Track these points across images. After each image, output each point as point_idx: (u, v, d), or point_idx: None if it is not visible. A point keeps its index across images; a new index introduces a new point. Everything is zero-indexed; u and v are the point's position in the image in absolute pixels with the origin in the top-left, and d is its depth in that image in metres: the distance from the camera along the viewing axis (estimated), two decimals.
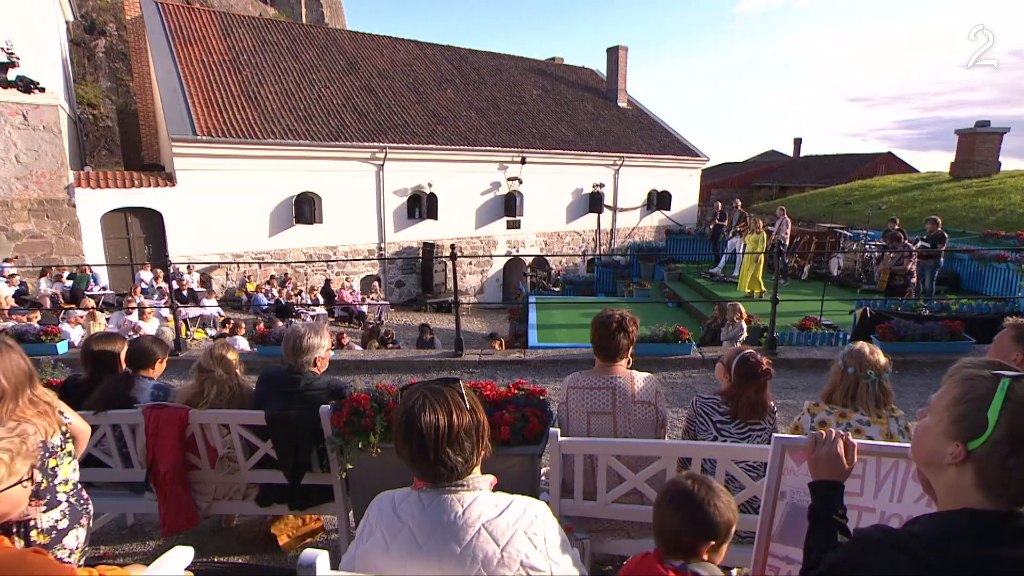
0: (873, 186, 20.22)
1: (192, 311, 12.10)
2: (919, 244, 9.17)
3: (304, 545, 3.09)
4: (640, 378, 2.48)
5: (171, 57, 17.08)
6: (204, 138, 14.94)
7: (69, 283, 12.85)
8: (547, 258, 21.38)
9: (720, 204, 14.00)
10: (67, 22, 19.39)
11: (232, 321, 10.73)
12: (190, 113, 15.36)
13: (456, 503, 1.25)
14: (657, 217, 24.04)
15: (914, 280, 8.80)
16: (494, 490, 1.34)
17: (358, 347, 11.54)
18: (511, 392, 2.61)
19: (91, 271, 13.24)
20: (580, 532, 2.40)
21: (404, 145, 17.96)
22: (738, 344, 7.68)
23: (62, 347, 6.17)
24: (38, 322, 8.34)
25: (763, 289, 10.52)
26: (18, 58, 11.82)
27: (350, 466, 2.41)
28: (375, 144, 17.45)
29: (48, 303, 12.01)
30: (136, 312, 9.15)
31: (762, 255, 10.47)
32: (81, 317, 8.62)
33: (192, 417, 2.61)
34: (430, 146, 18.49)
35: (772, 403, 2.51)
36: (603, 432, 2.38)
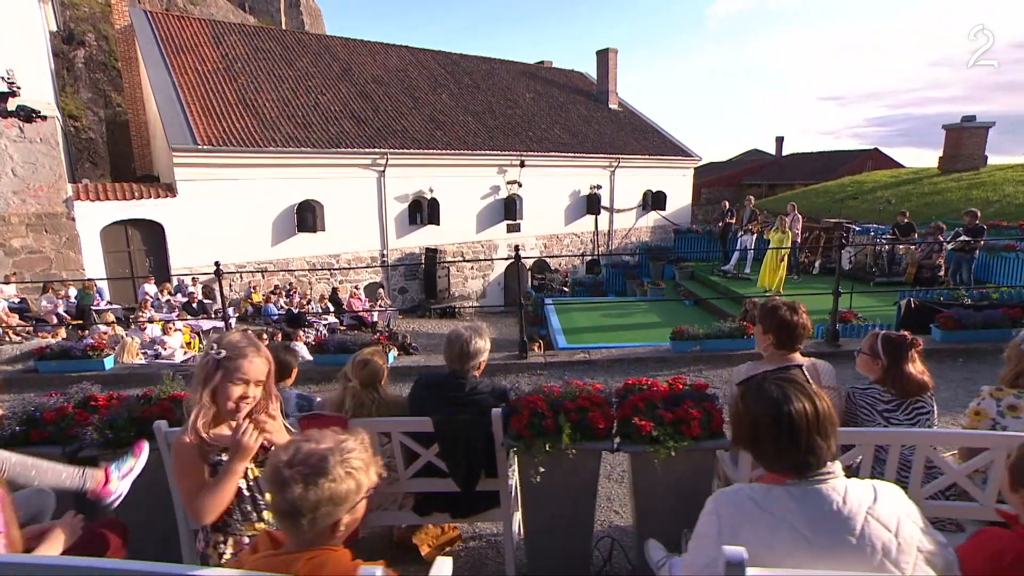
0: (864, 182, 20.67)
1: (204, 323, 11.83)
2: (960, 237, 9.37)
3: (444, 554, 3.03)
4: (821, 364, 2.47)
5: (164, 66, 16.75)
6: (205, 147, 14.67)
7: (72, 299, 12.51)
8: (547, 261, 21.41)
9: (728, 203, 14.17)
10: (50, 32, 18.92)
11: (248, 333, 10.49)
12: (189, 123, 15.08)
13: (833, 492, 1.23)
14: (653, 217, 24.26)
15: (941, 273, 8.99)
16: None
17: None
18: (678, 387, 2.59)
19: (95, 286, 12.90)
20: None
21: (405, 151, 17.86)
22: None
23: (108, 363, 5.97)
24: (62, 339, 8.09)
25: (782, 288, 10.67)
26: (19, 87, 11.48)
27: (543, 469, 2.36)
28: (376, 150, 17.32)
29: (54, 319, 11.67)
30: (154, 326, 8.91)
31: (786, 255, 10.62)
32: (105, 334, 8.37)
33: (351, 426, 2.54)
34: (430, 151, 18.41)
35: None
36: None
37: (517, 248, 5.91)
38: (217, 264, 5.75)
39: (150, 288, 13.60)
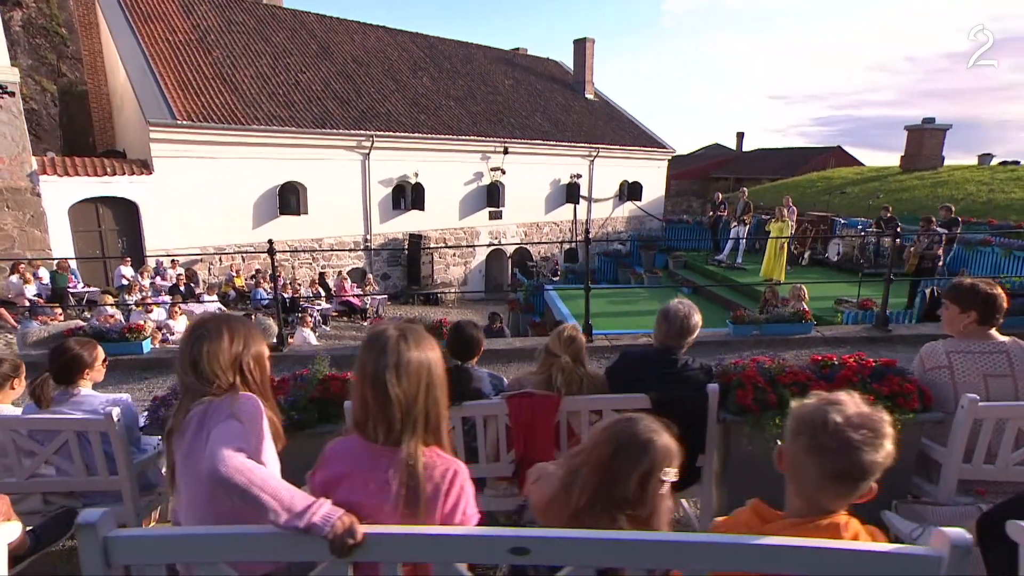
0: (832, 177, 21.63)
1: (195, 307, 11.25)
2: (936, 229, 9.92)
3: None
4: (1021, 342, 2.57)
5: (133, 35, 15.73)
6: (184, 123, 13.90)
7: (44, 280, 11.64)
8: (529, 250, 21.45)
9: (720, 195, 14.55)
10: None
11: (251, 317, 10.04)
12: (165, 96, 14.23)
13: None
14: (628, 208, 24.62)
15: (940, 264, 9.53)
16: None
17: None
18: (867, 363, 2.66)
19: (69, 266, 12.04)
20: (968, 497, 2.49)
21: (391, 134, 17.44)
22: None
23: (146, 346, 5.61)
24: (62, 319, 7.51)
25: (783, 277, 11.06)
26: None
27: (781, 442, 2.37)
28: (362, 132, 16.85)
29: (26, 301, 10.85)
30: (159, 310, 8.40)
31: (786, 244, 11.00)
32: (112, 317, 7.85)
33: (564, 404, 2.49)
34: (416, 135, 18.05)
35: None
36: (1004, 394, 2.44)
37: (587, 230, 5.87)
38: (271, 242, 5.47)
39: (126, 270, 12.83)
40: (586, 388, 2.56)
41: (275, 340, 5.56)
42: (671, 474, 1.33)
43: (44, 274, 11.55)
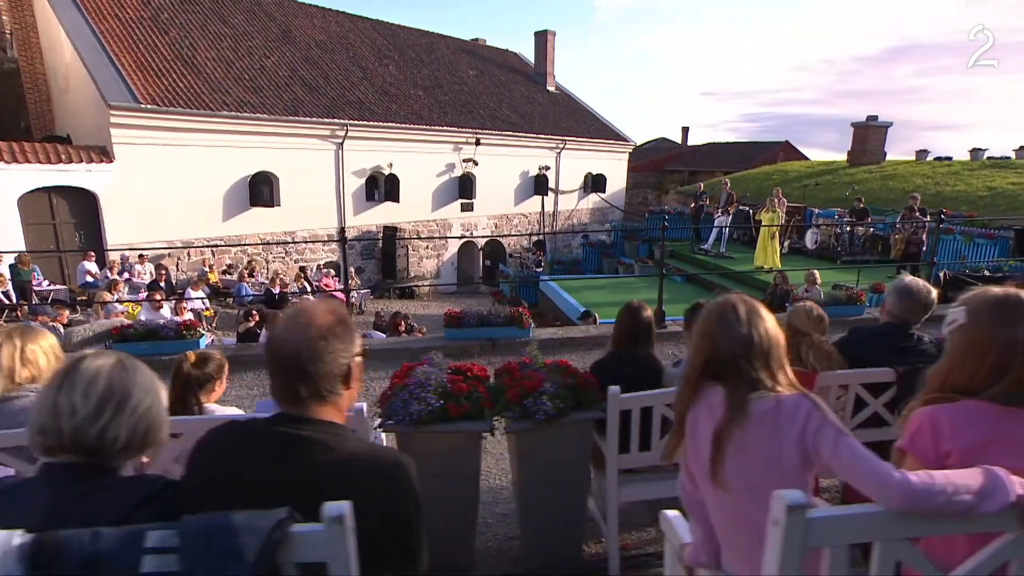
0: (786, 171, 22.77)
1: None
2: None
3: None
4: None
5: (77, 9, 14.41)
6: (149, 107, 12.92)
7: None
8: (501, 242, 21.40)
9: (702, 185, 15.01)
10: None
11: (255, 314, 9.49)
12: (124, 78, 13.14)
13: None
14: (592, 200, 24.97)
15: (924, 248, 10.24)
16: None
17: (380, 334, 10.90)
18: None
19: (30, 261, 10.94)
20: None
21: (365, 123, 16.89)
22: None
23: (202, 343, 5.20)
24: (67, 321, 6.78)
25: (778, 263, 11.59)
26: None
27: None
28: (336, 121, 16.22)
29: None
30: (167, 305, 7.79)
31: (777, 233, 11.52)
32: (122, 313, 7.19)
33: (818, 380, 2.51)
34: (390, 125, 17.57)
35: None
36: None
37: (650, 212, 5.89)
38: (343, 230, 5.17)
39: (90, 266, 11.84)
40: (835, 364, 2.59)
41: None
42: None
43: (4, 270, 10.44)
